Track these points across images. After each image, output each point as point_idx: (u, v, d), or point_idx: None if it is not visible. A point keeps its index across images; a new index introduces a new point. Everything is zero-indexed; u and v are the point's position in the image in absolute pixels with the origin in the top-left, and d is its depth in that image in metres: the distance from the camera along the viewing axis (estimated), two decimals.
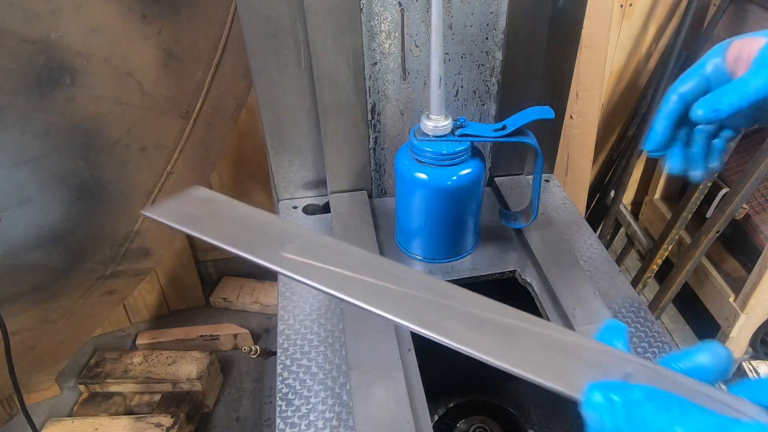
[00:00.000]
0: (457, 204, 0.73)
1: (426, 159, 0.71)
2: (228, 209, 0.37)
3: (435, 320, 0.29)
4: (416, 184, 0.72)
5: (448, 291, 0.31)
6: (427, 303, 0.30)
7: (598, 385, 0.25)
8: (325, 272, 0.32)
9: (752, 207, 1.67)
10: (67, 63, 0.91)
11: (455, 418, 0.96)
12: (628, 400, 0.24)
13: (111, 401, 1.56)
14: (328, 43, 0.78)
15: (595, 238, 0.91)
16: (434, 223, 0.75)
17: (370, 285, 0.31)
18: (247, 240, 0.34)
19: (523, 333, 0.29)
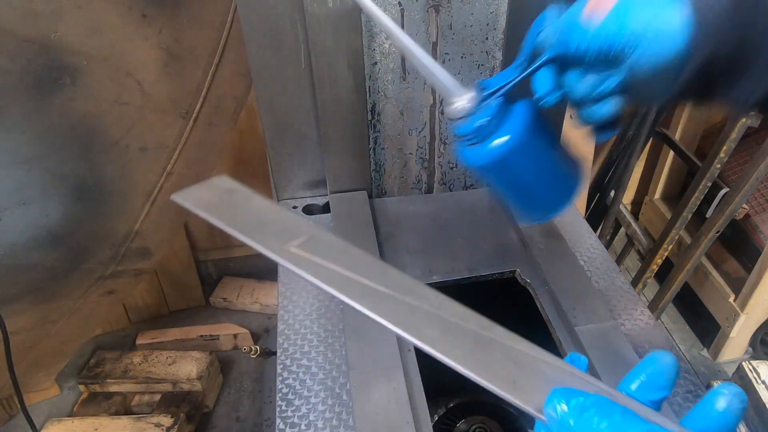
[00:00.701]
0: (524, 166, 0.59)
1: (467, 141, 0.58)
2: (245, 200, 0.40)
3: (415, 324, 0.31)
4: (478, 170, 0.60)
5: (435, 298, 0.33)
6: (414, 308, 0.32)
7: (559, 390, 0.29)
8: (324, 269, 0.34)
9: (752, 207, 1.67)
10: (67, 63, 0.91)
11: (455, 418, 0.96)
12: (579, 405, 0.28)
13: (111, 401, 1.56)
14: (328, 43, 0.78)
15: (595, 238, 0.91)
16: (524, 191, 0.61)
17: (364, 285, 0.33)
18: (258, 230, 0.36)
19: (496, 346, 0.31)
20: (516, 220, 0.90)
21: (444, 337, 0.31)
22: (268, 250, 0.35)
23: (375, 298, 0.33)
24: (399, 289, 0.34)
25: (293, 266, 0.34)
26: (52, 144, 0.97)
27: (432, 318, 0.32)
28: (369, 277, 0.34)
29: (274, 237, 0.36)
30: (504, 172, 0.57)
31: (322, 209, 0.96)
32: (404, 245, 0.87)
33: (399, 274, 0.35)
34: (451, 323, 0.32)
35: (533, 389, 0.29)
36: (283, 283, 0.80)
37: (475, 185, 1.02)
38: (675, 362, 0.31)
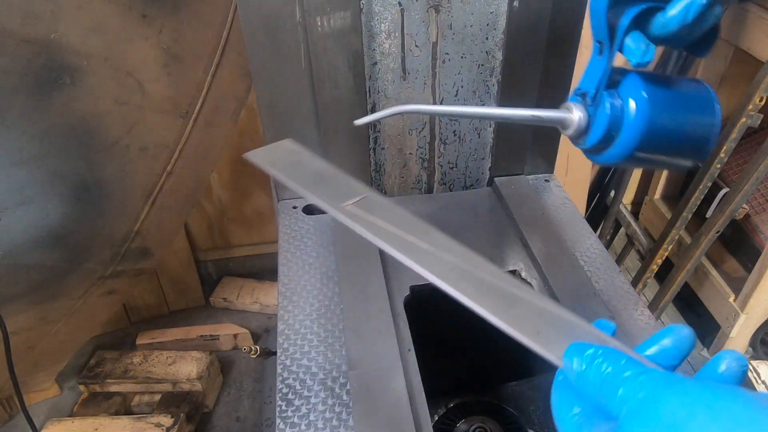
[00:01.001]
0: (663, 134, 0.54)
1: (601, 150, 0.55)
2: (309, 160, 0.44)
3: (453, 278, 0.36)
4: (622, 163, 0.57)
5: (471, 258, 0.38)
6: (453, 265, 0.37)
7: (576, 344, 0.33)
8: (375, 226, 0.38)
9: (752, 207, 1.67)
10: (67, 63, 0.91)
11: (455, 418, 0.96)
12: (591, 355, 0.32)
13: (111, 401, 1.56)
14: (328, 43, 0.78)
15: (595, 238, 0.91)
16: (673, 151, 0.56)
17: (409, 242, 0.38)
18: (319, 187, 0.41)
19: (524, 302, 0.35)
20: (516, 220, 0.90)
21: (478, 291, 0.35)
22: (327, 205, 0.39)
23: (419, 254, 0.37)
24: (440, 247, 0.38)
25: (349, 221, 0.38)
26: (52, 144, 0.96)
27: (468, 274, 0.36)
28: (414, 236, 0.38)
29: (333, 194, 0.40)
30: (648, 152, 0.54)
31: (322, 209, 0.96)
32: None
33: (441, 234, 0.39)
34: (484, 279, 0.36)
35: (554, 341, 0.33)
36: (283, 283, 0.80)
37: (475, 185, 1.02)
38: (691, 335, 0.33)
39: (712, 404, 0.26)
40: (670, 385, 0.27)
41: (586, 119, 0.52)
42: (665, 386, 0.27)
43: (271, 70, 0.82)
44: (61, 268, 1.13)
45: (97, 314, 1.46)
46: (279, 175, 0.42)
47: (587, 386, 0.31)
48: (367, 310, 0.72)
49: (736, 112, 1.41)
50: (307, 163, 0.44)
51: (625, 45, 0.48)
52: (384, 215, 0.39)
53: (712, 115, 0.55)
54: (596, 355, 0.31)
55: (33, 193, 0.98)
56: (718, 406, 0.25)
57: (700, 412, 0.25)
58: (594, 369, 0.31)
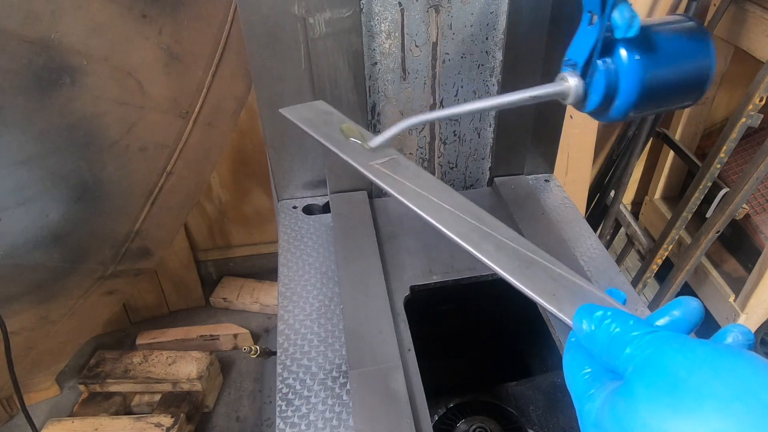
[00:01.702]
0: (660, 84, 0.54)
1: (604, 111, 0.55)
2: (338, 120, 0.46)
3: (474, 239, 0.37)
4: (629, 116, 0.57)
5: (491, 222, 0.39)
6: (474, 227, 0.38)
7: (586, 306, 0.34)
8: (401, 185, 0.40)
9: (752, 207, 1.67)
10: (67, 63, 0.91)
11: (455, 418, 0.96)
12: (599, 316, 0.32)
13: (111, 401, 1.56)
14: (328, 43, 0.78)
15: (595, 238, 0.91)
16: (673, 95, 0.57)
17: (433, 202, 0.39)
18: (347, 146, 0.42)
19: (542, 266, 0.36)
20: (516, 220, 0.90)
21: (498, 253, 0.36)
22: (355, 163, 0.41)
23: (442, 214, 0.38)
24: (462, 209, 0.39)
25: (375, 178, 0.40)
26: (52, 144, 0.97)
27: (489, 236, 0.37)
28: (438, 197, 0.39)
29: (360, 153, 0.42)
30: (648, 102, 0.54)
31: (322, 209, 0.96)
32: (405, 245, 0.87)
33: (462, 198, 0.40)
34: (504, 242, 0.37)
35: (568, 303, 0.34)
36: (283, 283, 0.80)
37: (475, 185, 1.02)
38: (700, 307, 0.34)
39: (715, 362, 0.26)
40: (675, 343, 0.28)
41: (582, 86, 0.53)
42: (670, 344, 0.28)
43: (271, 70, 0.82)
44: (61, 268, 1.13)
45: (97, 314, 1.46)
46: (313, 133, 0.43)
47: (596, 346, 0.32)
48: (367, 310, 0.72)
49: (736, 112, 1.41)
50: (335, 122, 0.45)
51: (612, 18, 0.49)
52: (409, 176, 0.41)
53: (706, 55, 0.55)
54: (605, 316, 0.32)
55: (33, 193, 0.98)
56: (721, 363, 0.26)
57: (704, 368, 0.26)
58: (603, 329, 0.32)
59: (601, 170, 1.97)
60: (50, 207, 1.02)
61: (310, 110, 0.47)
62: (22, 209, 0.98)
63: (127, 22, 0.96)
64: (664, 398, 0.26)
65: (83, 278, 1.21)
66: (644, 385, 0.27)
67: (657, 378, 0.27)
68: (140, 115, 1.05)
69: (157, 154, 1.13)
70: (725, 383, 0.25)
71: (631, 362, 0.29)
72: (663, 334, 0.29)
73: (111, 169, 1.06)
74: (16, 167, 0.94)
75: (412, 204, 0.38)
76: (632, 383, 0.28)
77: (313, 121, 0.45)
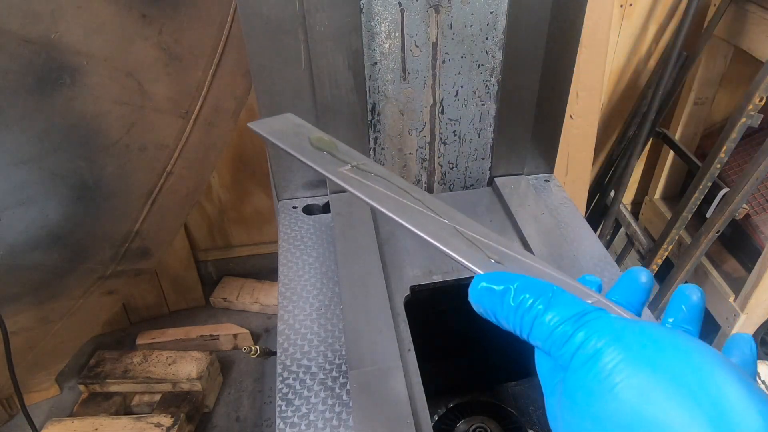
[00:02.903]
0: None
1: None
2: (308, 132, 0.47)
3: (443, 236, 0.37)
4: None
5: (462, 219, 0.39)
6: (443, 224, 0.38)
7: (482, 276, 0.32)
8: (369, 188, 0.40)
9: (752, 207, 1.67)
10: (67, 63, 0.91)
11: (455, 418, 0.96)
12: (504, 289, 0.30)
13: (111, 401, 1.56)
14: (328, 43, 0.78)
15: (595, 238, 0.91)
16: None
17: (401, 203, 0.39)
18: (316, 155, 0.43)
19: (512, 259, 0.36)
20: (516, 220, 0.90)
21: (467, 249, 0.36)
22: (325, 171, 0.42)
23: (410, 213, 0.38)
24: (432, 209, 0.39)
25: (345, 184, 0.40)
26: (52, 144, 0.97)
27: (458, 233, 0.37)
28: (405, 197, 0.40)
29: (329, 161, 0.43)
30: None
31: (322, 209, 0.96)
32: (404, 245, 0.87)
33: (431, 197, 0.40)
34: (474, 237, 0.37)
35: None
36: (283, 283, 0.80)
37: (475, 185, 1.02)
38: (650, 278, 0.35)
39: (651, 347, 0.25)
40: (607, 331, 0.27)
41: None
42: (606, 332, 0.27)
43: (271, 70, 0.82)
44: (61, 268, 1.13)
45: (97, 314, 1.46)
46: (282, 145, 0.44)
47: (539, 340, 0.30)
48: (367, 310, 0.72)
49: (736, 112, 1.41)
50: (305, 134, 0.46)
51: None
52: (377, 179, 0.41)
53: None
54: (513, 289, 0.30)
55: (33, 193, 0.98)
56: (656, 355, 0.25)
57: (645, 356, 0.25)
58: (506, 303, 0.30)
59: (601, 170, 1.98)
60: (50, 207, 1.02)
61: (280, 123, 0.48)
62: (22, 209, 0.98)
63: (127, 22, 0.96)
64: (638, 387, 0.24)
65: (83, 278, 1.21)
66: (584, 376, 0.26)
67: (595, 369, 0.25)
68: (140, 115, 1.05)
69: (157, 154, 1.13)
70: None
71: (572, 355, 0.27)
72: (597, 322, 0.27)
73: (111, 169, 1.06)
74: (16, 167, 0.94)
75: (382, 206, 0.39)
76: (573, 374, 0.27)
77: (284, 133, 0.46)
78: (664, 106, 1.70)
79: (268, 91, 0.84)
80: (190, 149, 1.18)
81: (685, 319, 0.33)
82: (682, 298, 0.34)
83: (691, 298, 0.33)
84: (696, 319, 0.33)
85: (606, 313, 0.28)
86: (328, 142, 0.45)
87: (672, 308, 0.34)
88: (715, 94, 1.83)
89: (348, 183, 0.41)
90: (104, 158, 1.04)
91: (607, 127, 1.94)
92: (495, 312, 0.31)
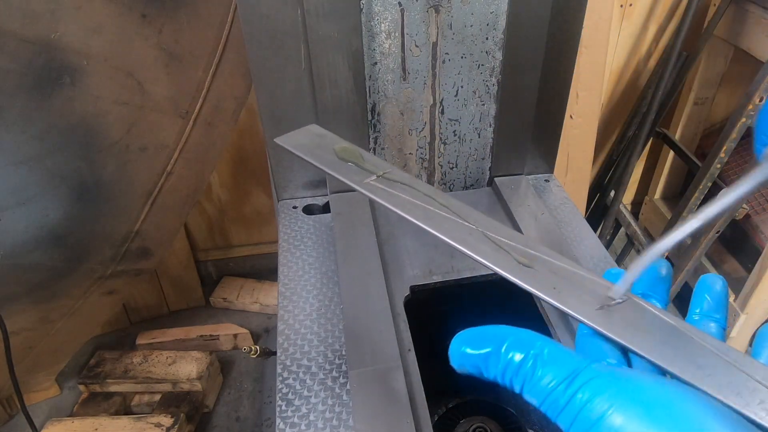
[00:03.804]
0: None
1: None
2: (332, 142, 0.48)
3: (471, 242, 0.37)
4: None
5: (487, 223, 0.39)
6: (470, 229, 0.38)
7: (461, 337, 0.30)
8: (396, 197, 0.41)
9: (752, 207, 1.67)
10: (67, 63, 0.91)
11: (455, 418, 0.96)
12: (487, 353, 0.29)
13: (111, 401, 1.56)
14: (328, 43, 0.78)
15: (595, 238, 0.91)
16: None
17: (428, 210, 0.40)
18: (342, 167, 0.44)
19: (540, 261, 0.36)
20: (516, 220, 0.90)
21: (496, 253, 0.36)
22: (351, 182, 0.42)
23: (437, 220, 0.39)
24: (458, 214, 0.40)
25: (374, 196, 0.41)
26: (52, 144, 0.97)
27: (485, 237, 0.38)
28: (432, 204, 0.41)
29: (357, 173, 0.43)
30: None
31: (322, 209, 0.96)
32: (405, 245, 0.87)
33: (458, 202, 0.41)
34: (501, 241, 0.37)
35: (570, 294, 0.34)
36: (283, 283, 0.80)
37: (475, 185, 1.02)
38: (669, 268, 0.36)
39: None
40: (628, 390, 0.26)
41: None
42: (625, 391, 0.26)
43: (271, 70, 0.82)
44: (61, 268, 1.13)
45: (97, 314, 1.46)
46: (308, 158, 0.45)
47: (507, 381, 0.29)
48: (367, 310, 0.72)
49: (736, 112, 1.41)
50: (330, 145, 0.47)
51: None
52: (403, 187, 0.42)
53: None
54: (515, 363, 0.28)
55: (33, 193, 0.98)
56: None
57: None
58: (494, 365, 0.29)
59: (601, 170, 1.98)
60: (50, 207, 1.02)
61: (304, 136, 0.49)
62: (22, 209, 0.98)
63: (127, 22, 0.96)
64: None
65: (83, 278, 1.21)
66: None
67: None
68: (140, 115, 1.05)
69: (157, 154, 1.13)
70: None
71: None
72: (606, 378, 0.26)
73: (111, 169, 1.06)
74: (16, 167, 0.94)
75: (410, 215, 0.39)
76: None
77: (309, 146, 0.47)
78: (664, 106, 1.70)
79: (268, 92, 0.84)
80: (190, 149, 1.18)
81: (711, 309, 0.33)
82: (705, 289, 0.34)
83: (714, 287, 0.34)
84: (721, 307, 0.33)
85: (599, 371, 0.26)
86: (353, 151, 0.46)
87: (696, 299, 0.34)
88: (715, 94, 1.83)
89: (376, 194, 0.41)
90: (104, 158, 1.04)
91: (607, 127, 1.94)
92: (482, 374, 0.30)
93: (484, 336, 0.29)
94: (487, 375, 0.30)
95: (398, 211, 0.39)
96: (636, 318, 0.32)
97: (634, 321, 0.32)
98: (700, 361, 0.29)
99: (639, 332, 0.31)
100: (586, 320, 0.32)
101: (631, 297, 0.33)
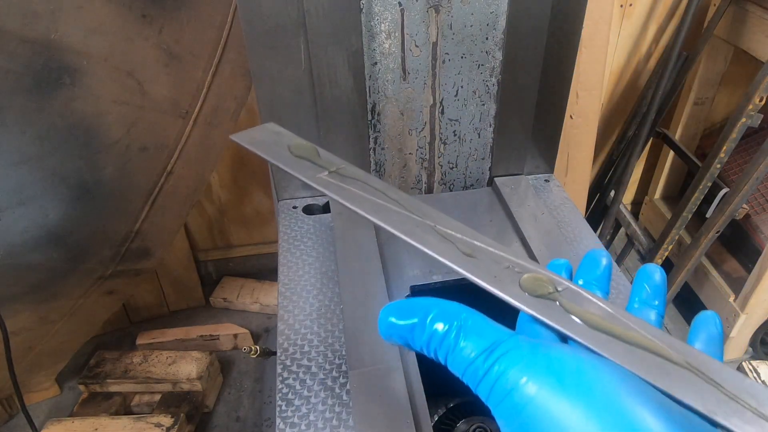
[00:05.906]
0: None
1: None
2: (288, 140, 0.49)
3: (418, 233, 0.38)
4: None
5: (437, 216, 0.40)
6: (418, 222, 0.39)
7: (389, 308, 0.31)
8: (347, 191, 0.42)
9: (752, 207, 1.67)
10: (67, 63, 0.91)
11: (455, 418, 0.96)
12: (413, 324, 0.29)
13: (111, 401, 1.56)
14: (328, 43, 0.78)
15: (595, 238, 0.91)
16: None
17: (377, 204, 0.41)
18: (296, 162, 0.45)
19: (484, 251, 0.37)
20: (516, 220, 0.90)
21: (440, 243, 0.37)
22: (304, 177, 0.43)
23: (385, 213, 0.40)
24: (407, 208, 0.41)
25: (323, 189, 0.42)
26: (52, 144, 0.97)
27: (432, 229, 0.39)
28: (382, 198, 0.41)
29: (308, 167, 0.45)
30: None
31: (322, 209, 0.96)
32: (405, 245, 0.87)
33: (408, 197, 0.42)
34: (447, 233, 0.38)
35: (510, 282, 0.34)
36: (283, 283, 0.80)
37: (475, 185, 1.02)
38: (609, 257, 0.37)
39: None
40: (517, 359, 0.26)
41: None
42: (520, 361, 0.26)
43: (271, 70, 0.82)
44: (61, 268, 1.13)
45: (97, 314, 1.46)
46: (262, 154, 0.46)
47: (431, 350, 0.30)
48: (367, 310, 0.72)
49: (736, 112, 1.41)
50: (284, 142, 0.49)
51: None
52: (354, 182, 0.43)
53: None
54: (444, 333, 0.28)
55: (33, 193, 0.98)
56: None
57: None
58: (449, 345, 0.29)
59: (601, 170, 1.98)
60: (50, 207, 1.02)
61: (261, 133, 0.50)
62: (22, 209, 0.98)
63: (127, 22, 0.96)
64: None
65: (83, 278, 1.21)
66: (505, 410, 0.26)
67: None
68: (140, 115, 1.05)
69: (157, 154, 1.13)
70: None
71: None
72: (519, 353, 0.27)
73: (111, 169, 1.06)
74: (16, 167, 0.94)
75: (358, 208, 0.40)
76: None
77: (265, 143, 0.48)
78: (664, 106, 1.70)
79: (268, 92, 0.84)
80: (190, 149, 1.18)
81: (649, 297, 0.35)
82: (645, 278, 0.36)
83: (653, 276, 0.35)
84: (660, 295, 0.35)
85: (519, 342, 0.27)
86: (308, 148, 0.47)
87: (636, 289, 0.36)
88: (715, 94, 1.83)
89: (327, 188, 0.42)
90: (104, 158, 1.04)
91: (607, 127, 1.94)
92: (409, 345, 0.30)
93: (412, 307, 0.30)
94: (413, 345, 0.30)
95: (348, 204, 0.40)
96: (574, 306, 0.33)
97: (571, 308, 0.32)
98: (631, 344, 0.30)
99: (576, 319, 0.32)
100: (525, 307, 0.32)
101: (571, 286, 0.34)
